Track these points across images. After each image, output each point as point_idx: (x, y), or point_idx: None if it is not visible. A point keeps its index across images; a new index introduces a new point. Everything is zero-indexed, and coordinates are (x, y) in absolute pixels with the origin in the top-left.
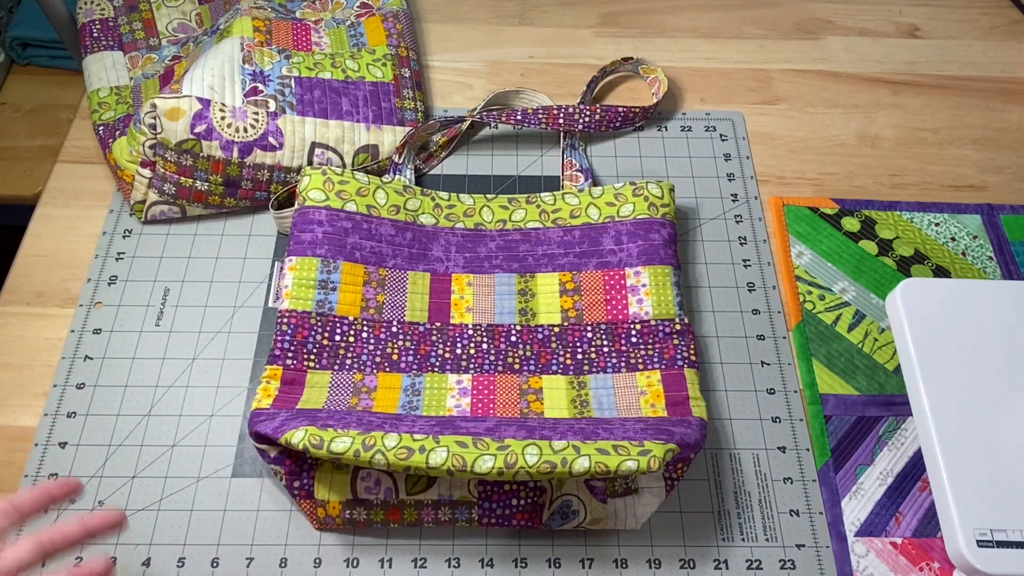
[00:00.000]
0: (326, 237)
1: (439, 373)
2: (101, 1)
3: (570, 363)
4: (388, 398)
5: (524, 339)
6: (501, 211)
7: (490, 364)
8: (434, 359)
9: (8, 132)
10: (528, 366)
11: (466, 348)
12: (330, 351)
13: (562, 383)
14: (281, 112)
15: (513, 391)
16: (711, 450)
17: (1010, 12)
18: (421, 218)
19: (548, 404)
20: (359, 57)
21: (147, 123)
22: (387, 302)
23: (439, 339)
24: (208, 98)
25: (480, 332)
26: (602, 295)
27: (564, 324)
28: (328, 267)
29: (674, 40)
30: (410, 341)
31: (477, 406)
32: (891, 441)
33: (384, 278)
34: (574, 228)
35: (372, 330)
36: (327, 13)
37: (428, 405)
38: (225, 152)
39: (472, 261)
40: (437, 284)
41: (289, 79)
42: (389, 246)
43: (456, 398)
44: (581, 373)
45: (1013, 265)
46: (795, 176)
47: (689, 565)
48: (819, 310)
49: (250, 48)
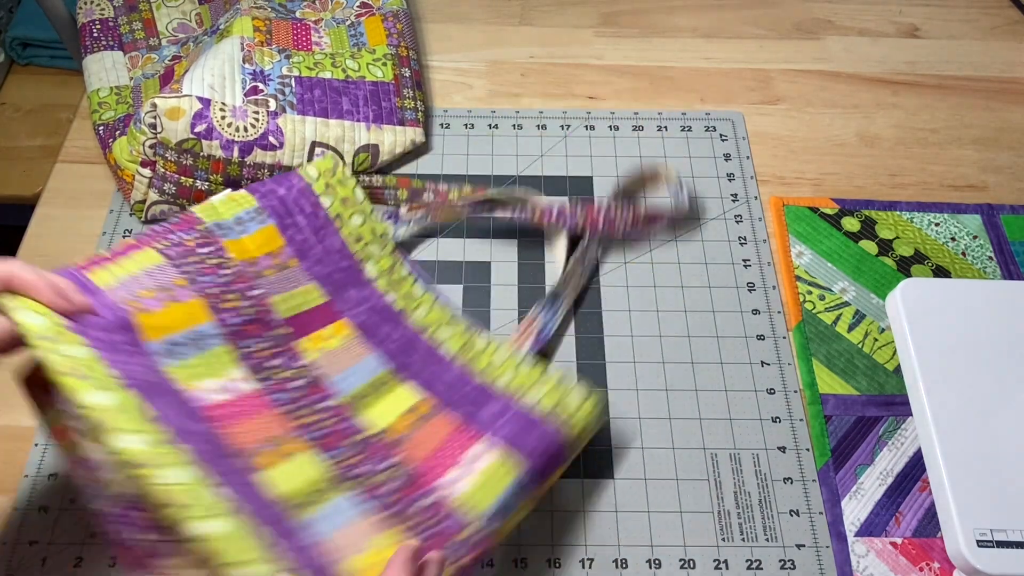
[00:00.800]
0: (284, 199)
1: (233, 351)
2: (101, 1)
3: (340, 466)
4: (173, 318)
5: (332, 412)
6: (434, 316)
7: (281, 396)
8: (251, 343)
9: (8, 132)
10: (306, 431)
11: (281, 367)
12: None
13: (314, 470)
14: (281, 111)
15: (267, 431)
16: (711, 450)
17: (1010, 12)
18: (368, 264)
19: (280, 472)
20: (359, 57)
21: (147, 123)
22: (275, 277)
23: (273, 339)
24: (208, 97)
25: (307, 370)
26: (437, 442)
27: (375, 436)
28: (260, 213)
29: (674, 40)
30: (254, 310)
31: (228, 410)
32: (891, 441)
33: (290, 264)
34: (475, 378)
35: (235, 271)
36: (327, 13)
37: (192, 364)
38: (225, 151)
39: (369, 326)
40: (323, 311)
41: (289, 78)
42: (323, 250)
43: (221, 384)
44: (339, 481)
45: (1013, 265)
46: (795, 176)
47: (689, 565)
48: (819, 310)
49: (250, 48)
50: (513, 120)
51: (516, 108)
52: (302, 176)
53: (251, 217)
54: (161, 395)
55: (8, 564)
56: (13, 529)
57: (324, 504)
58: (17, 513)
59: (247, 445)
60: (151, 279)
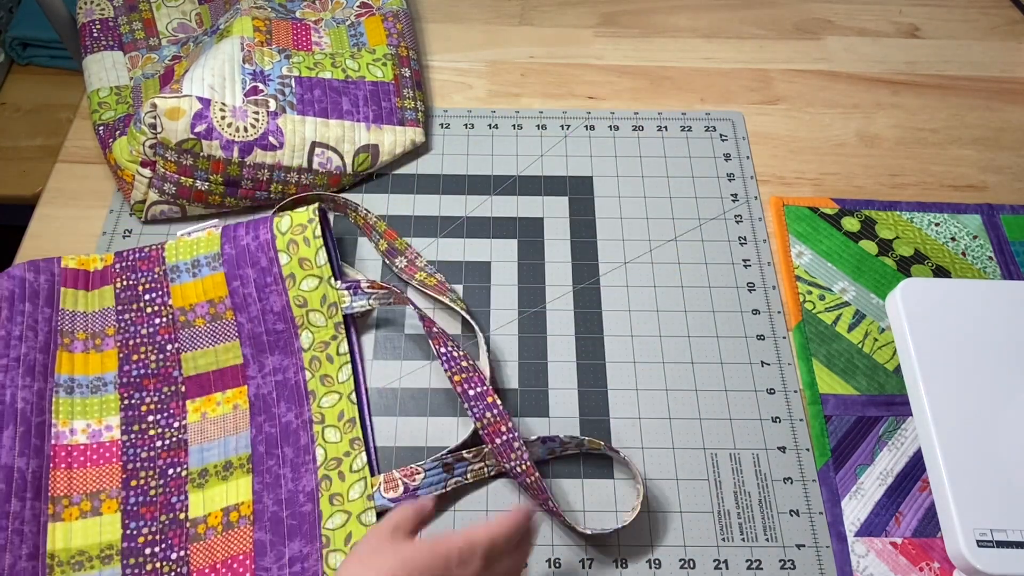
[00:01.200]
0: (246, 248)
1: (120, 400)
2: (101, 1)
3: (138, 540)
4: (87, 364)
5: (171, 481)
6: (337, 409)
7: (138, 453)
8: (141, 395)
9: (8, 132)
10: (134, 493)
11: (155, 423)
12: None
13: (110, 535)
14: (281, 111)
15: (97, 483)
16: (711, 450)
17: (1010, 12)
18: (304, 333)
19: (76, 527)
20: (359, 57)
21: (147, 123)
22: (203, 328)
23: (164, 395)
24: (208, 98)
25: (178, 432)
26: (222, 557)
27: (188, 522)
28: (217, 259)
29: (674, 40)
30: (159, 365)
31: (77, 453)
32: (891, 441)
33: (225, 316)
34: (304, 505)
35: (166, 320)
36: (327, 13)
37: (79, 403)
38: (225, 152)
39: (265, 401)
40: (231, 373)
41: (289, 79)
42: (261, 309)
43: (90, 427)
44: (125, 553)
45: (1013, 265)
46: (795, 176)
47: (689, 565)
48: (819, 310)
49: (250, 48)
50: (513, 120)
51: (516, 108)
52: (272, 228)
53: (208, 262)
54: (14, 425)
55: None
56: None
57: (88, 572)
58: None
59: (63, 492)
60: (95, 322)
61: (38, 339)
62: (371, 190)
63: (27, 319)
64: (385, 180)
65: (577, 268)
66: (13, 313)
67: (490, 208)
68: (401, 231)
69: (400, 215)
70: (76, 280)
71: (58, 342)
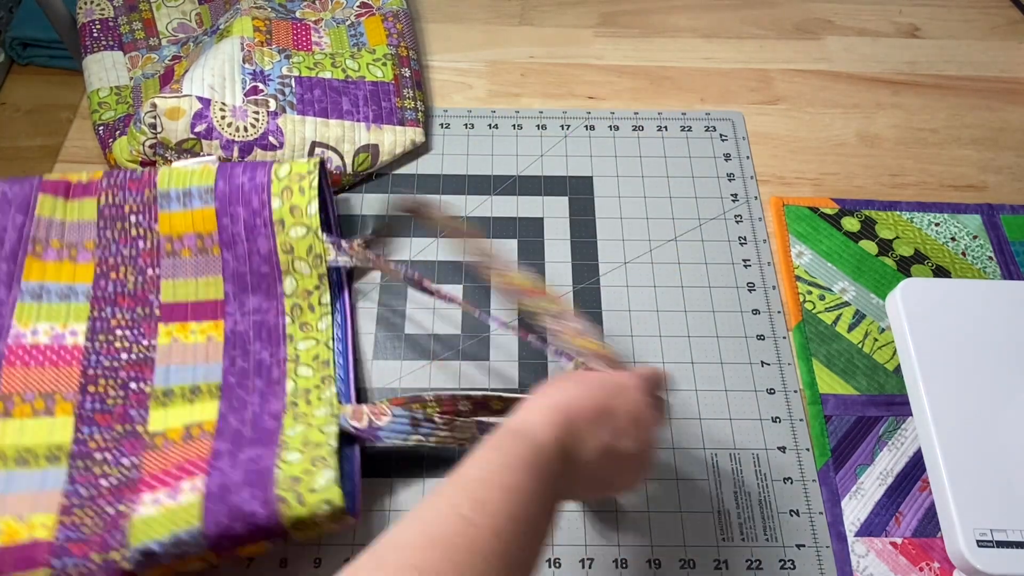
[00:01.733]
0: (240, 187)
1: (90, 310)
2: (101, 1)
3: (86, 445)
4: (59, 272)
5: (131, 394)
6: (311, 353)
7: (100, 360)
8: (112, 310)
9: (8, 132)
10: (88, 398)
11: (123, 337)
12: None
13: (60, 437)
14: (281, 111)
15: (51, 384)
16: (711, 450)
17: (1010, 12)
18: (288, 279)
19: (27, 425)
20: (359, 57)
21: (147, 123)
22: (189, 260)
23: (137, 316)
24: (208, 97)
25: (147, 350)
26: (177, 461)
27: (145, 434)
28: (209, 193)
29: (674, 40)
30: (136, 287)
31: (33, 353)
32: (891, 441)
33: (212, 251)
34: (269, 420)
35: (150, 246)
36: (327, 13)
37: (44, 308)
38: (225, 151)
39: (242, 338)
40: (210, 307)
41: (289, 78)
42: (248, 250)
43: (52, 329)
44: (71, 456)
45: (1013, 265)
46: (795, 176)
47: (689, 565)
48: (819, 310)
49: (250, 48)
50: (513, 120)
51: (516, 108)
52: (271, 172)
53: (200, 194)
54: None
55: None
56: None
57: (31, 469)
58: None
59: (16, 390)
60: (73, 233)
61: (4, 248)
62: (371, 190)
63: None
64: (385, 180)
65: (577, 268)
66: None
67: (490, 208)
68: (402, 231)
69: (400, 215)
70: (56, 189)
71: (28, 249)
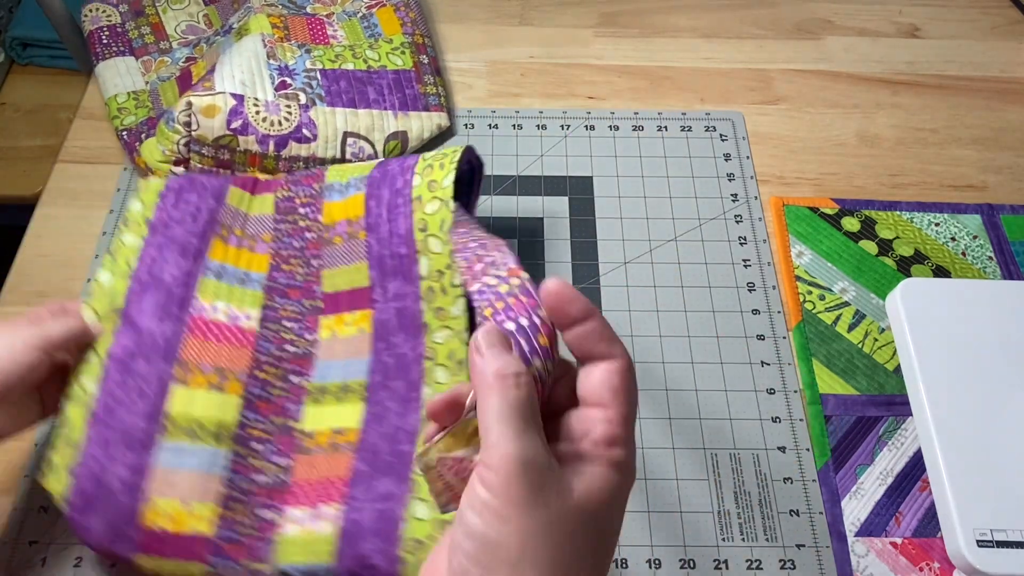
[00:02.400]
0: (388, 171)
1: (264, 299)
2: (106, 8)
3: (248, 431)
4: (239, 258)
5: (290, 389)
6: (447, 348)
7: (268, 347)
8: (283, 302)
9: (8, 132)
10: (255, 384)
11: (291, 330)
12: None
13: (227, 416)
14: (311, 104)
15: (226, 361)
16: (711, 450)
17: (1010, 12)
18: (423, 260)
19: (198, 396)
20: (377, 47)
21: (182, 121)
22: (341, 247)
23: (304, 307)
24: (242, 94)
25: (310, 344)
26: (322, 477)
27: (297, 432)
28: (362, 180)
29: (674, 40)
30: (305, 278)
31: (214, 329)
32: (891, 441)
33: (359, 235)
34: (404, 444)
35: (315, 236)
36: (337, 7)
37: (224, 288)
38: (261, 146)
39: (387, 328)
40: (359, 295)
41: (314, 71)
42: (390, 231)
43: (231, 310)
44: (235, 440)
45: (1013, 265)
46: (795, 176)
47: (689, 565)
48: (819, 310)
49: (272, 44)
50: (513, 120)
51: (516, 108)
52: (420, 156)
53: (355, 183)
54: (158, 294)
55: (8, 564)
56: (13, 529)
57: (199, 444)
58: (17, 513)
59: (193, 359)
60: (253, 225)
61: (197, 224)
62: None
63: (190, 207)
64: None
65: (577, 268)
66: (179, 201)
67: (490, 208)
68: None
69: None
70: (244, 183)
71: (217, 231)
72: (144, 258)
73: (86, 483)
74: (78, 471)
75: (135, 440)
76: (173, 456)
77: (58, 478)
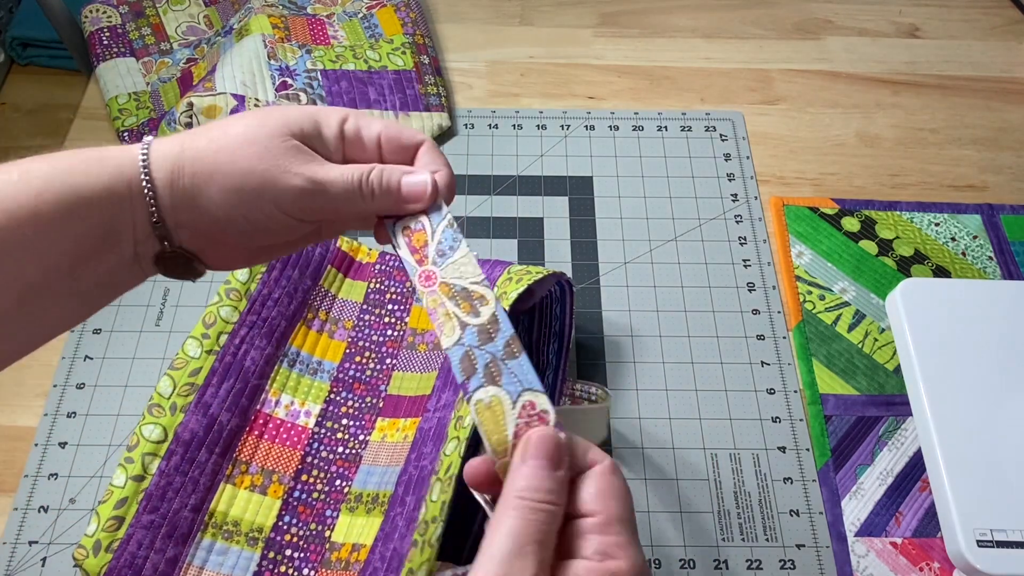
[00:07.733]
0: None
1: (328, 392)
2: (107, 9)
3: (282, 534)
4: (314, 344)
5: (330, 492)
6: (449, 461)
7: (319, 449)
8: (347, 396)
9: (8, 132)
10: (298, 487)
11: (345, 428)
12: None
13: (264, 520)
14: (312, 105)
15: (274, 462)
16: (711, 450)
17: (1010, 12)
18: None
19: (240, 497)
20: (378, 47)
21: (183, 122)
22: (423, 354)
23: (365, 405)
24: (243, 94)
25: (360, 446)
26: None
27: (326, 544)
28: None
29: (674, 40)
30: (374, 374)
31: (273, 425)
32: (891, 441)
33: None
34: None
35: (396, 335)
36: (338, 7)
37: (293, 378)
38: None
39: (424, 438)
40: (417, 403)
41: (315, 72)
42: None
43: (292, 403)
44: (265, 544)
45: (1013, 265)
46: (795, 176)
47: (689, 565)
48: (819, 310)
49: (272, 44)
50: (513, 120)
51: (516, 108)
52: (507, 268)
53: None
54: (235, 381)
55: (8, 564)
56: (13, 529)
57: (234, 546)
58: (17, 513)
59: (245, 458)
60: (339, 309)
61: (290, 307)
62: None
63: (290, 284)
64: None
65: (577, 268)
66: (281, 276)
67: (490, 208)
68: None
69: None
70: (342, 263)
71: (303, 314)
72: (234, 337)
73: (125, 568)
74: (119, 551)
75: (179, 532)
76: (207, 554)
77: (96, 555)
